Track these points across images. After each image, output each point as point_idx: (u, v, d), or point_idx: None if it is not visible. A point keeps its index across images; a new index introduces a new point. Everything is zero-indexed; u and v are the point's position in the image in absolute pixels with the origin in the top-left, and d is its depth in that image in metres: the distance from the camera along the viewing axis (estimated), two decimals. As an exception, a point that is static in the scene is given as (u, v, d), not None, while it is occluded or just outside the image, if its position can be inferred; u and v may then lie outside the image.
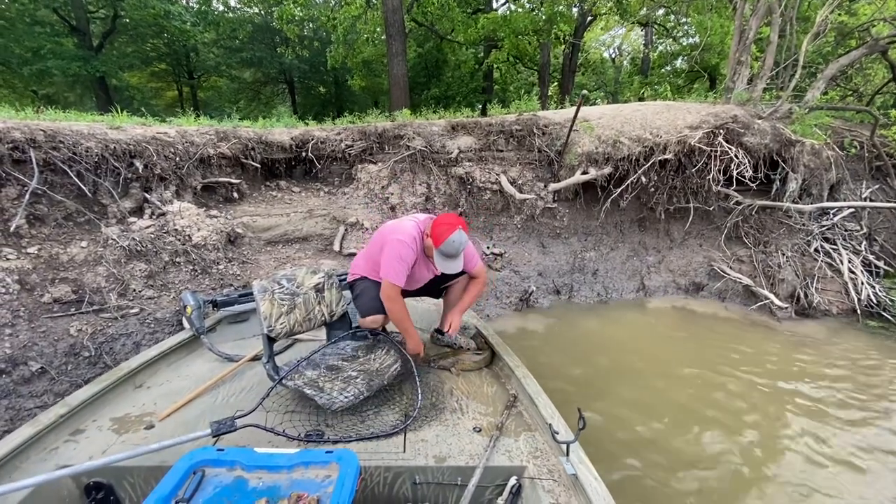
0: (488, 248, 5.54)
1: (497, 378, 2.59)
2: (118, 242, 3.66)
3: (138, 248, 3.73)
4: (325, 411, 2.09)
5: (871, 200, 5.83)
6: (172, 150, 4.26)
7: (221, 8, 16.27)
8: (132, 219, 3.91)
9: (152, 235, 3.85)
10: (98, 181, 3.74)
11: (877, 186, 6.13)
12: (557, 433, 1.86)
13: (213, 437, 1.74)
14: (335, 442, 1.91)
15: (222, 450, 1.51)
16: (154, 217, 4.02)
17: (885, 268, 5.51)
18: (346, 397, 2.06)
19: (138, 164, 3.95)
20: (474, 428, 2.06)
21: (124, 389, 2.42)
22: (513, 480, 1.77)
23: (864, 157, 6.23)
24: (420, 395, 2.13)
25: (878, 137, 6.15)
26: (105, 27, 14.18)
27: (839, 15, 7.25)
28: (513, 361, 2.55)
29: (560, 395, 3.30)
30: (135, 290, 3.57)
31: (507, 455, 1.88)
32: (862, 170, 6.24)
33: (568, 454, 1.78)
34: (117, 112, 4.62)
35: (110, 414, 2.19)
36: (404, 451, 1.89)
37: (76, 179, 3.56)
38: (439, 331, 2.95)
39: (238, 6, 16.83)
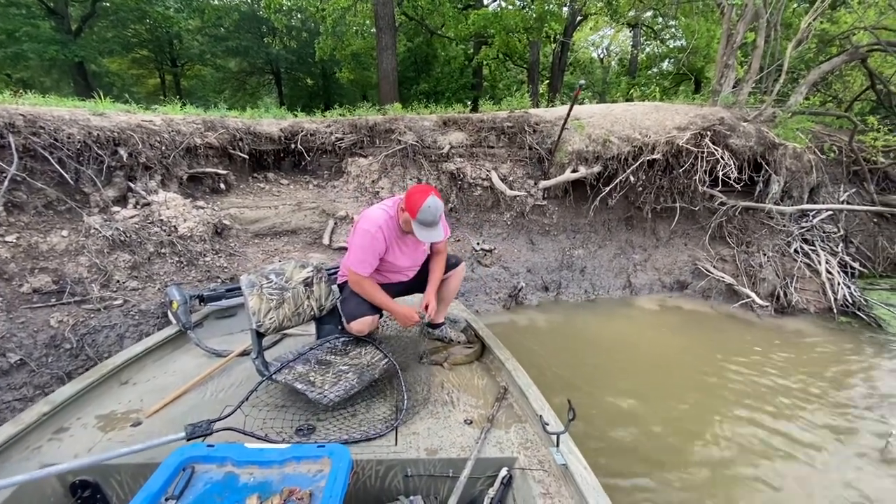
0: (478, 243, 5.56)
1: (487, 371, 2.60)
2: (101, 232, 3.57)
3: (122, 239, 3.64)
4: (315, 406, 2.07)
5: (848, 204, 6.01)
6: (158, 138, 4.16)
7: (207, -6, 15.92)
8: (115, 208, 3.81)
9: (136, 226, 3.77)
10: (80, 169, 3.64)
11: (853, 190, 6.33)
12: (548, 424, 1.88)
13: (188, 439, 1.70)
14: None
15: (212, 446, 1.49)
16: (138, 207, 3.93)
17: (860, 269, 5.70)
18: (337, 392, 2.04)
19: (122, 152, 3.84)
20: (465, 420, 2.07)
21: (109, 386, 2.37)
22: (503, 471, 1.79)
23: (842, 162, 6.42)
24: (406, 398, 2.11)
25: (856, 143, 6.34)
26: (84, 10, 13.73)
27: (821, 23, 7.43)
28: (503, 354, 2.56)
29: (549, 388, 3.33)
30: (118, 281, 3.49)
31: (497, 447, 1.90)
32: (840, 174, 6.43)
33: (558, 445, 1.80)
34: (100, 98, 4.48)
35: (95, 411, 2.15)
36: (396, 444, 1.89)
37: (57, 166, 3.46)
38: (430, 325, 2.96)
39: (224, -7, 16.51)
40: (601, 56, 23.12)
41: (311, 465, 1.46)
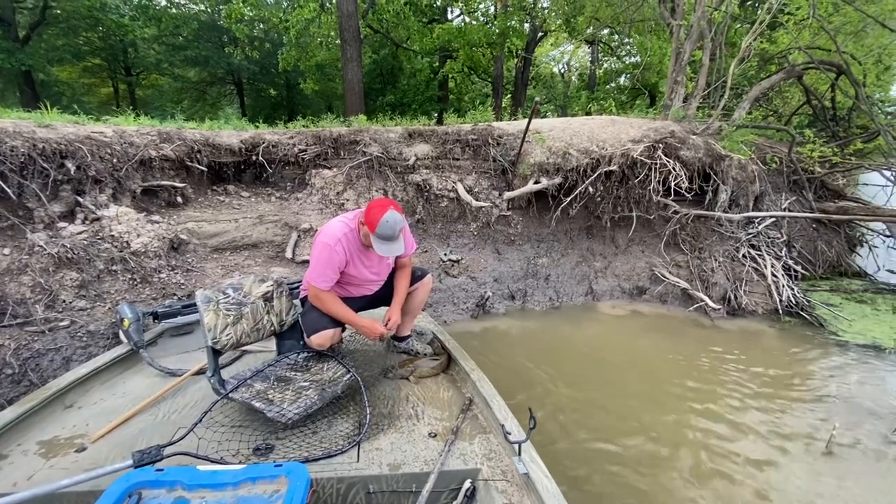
0: (445, 254, 5.60)
1: (453, 382, 2.61)
2: (46, 249, 3.39)
3: (69, 256, 3.46)
4: (275, 424, 2.03)
5: (789, 211, 6.42)
6: (109, 150, 4.00)
7: (164, 3, 15.47)
8: (62, 224, 3.63)
9: (85, 242, 3.60)
10: (24, 183, 3.45)
11: (794, 198, 6.76)
12: (510, 434, 1.90)
13: (136, 467, 1.61)
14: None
15: (161, 470, 1.43)
16: (87, 222, 3.75)
17: (802, 272, 6.07)
18: (297, 409, 2.01)
19: (70, 165, 3.67)
20: (430, 433, 2.07)
21: (52, 410, 2.26)
22: (467, 483, 1.79)
23: (783, 172, 6.86)
24: (368, 413, 2.09)
25: (795, 154, 6.80)
26: (33, 18, 13.08)
27: (761, 42, 7.98)
28: (468, 365, 2.57)
29: (515, 397, 3.39)
30: (65, 301, 3.32)
31: (461, 458, 1.90)
32: (781, 183, 6.86)
33: (520, 454, 1.81)
34: (46, 109, 4.28)
35: (37, 437, 2.04)
36: (358, 460, 1.86)
37: (-3, 181, 3.27)
38: (396, 338, 2.96)
39: (183, 2, 16.08)
40: (562, 71, 23.92)
41: (267, 485, 1.42)
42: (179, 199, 4.66)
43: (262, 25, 15.54)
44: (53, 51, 13.51)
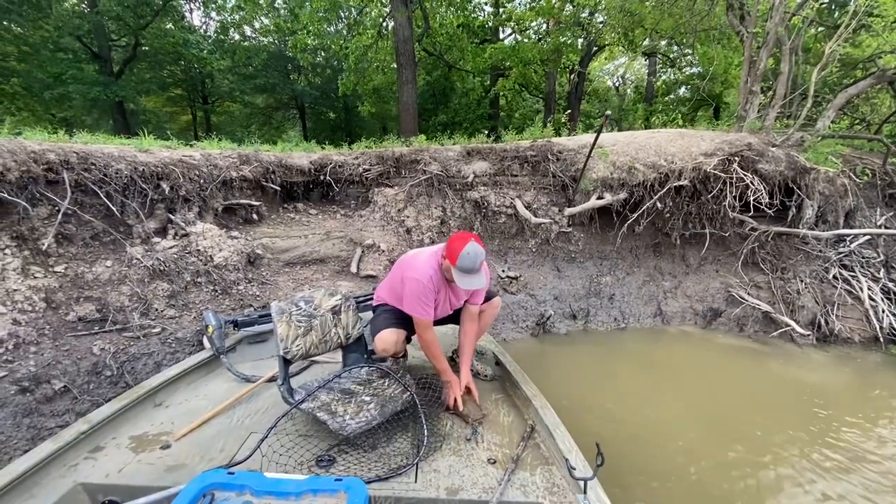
0: (503, 271, 5.54)
1: (514, 406, 2.52)
2: (142, 262, 3.69)
3: (161, 268, 3.75)
4: (336, 436, 2.06)
5: (885, 228, 5.81)
6: (197, 172, 4.34)
7: (237, 37, 16.82)
8: (156, 239, 3.95)
9: (175, 255, 3.89)
10: (126, 202, 3.80)
11: (891, 214, 6.11)
12: (574, 469, 1.80)
13: None
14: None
15: (233, 473, 1.51)
16: (177, 237, 4.06)
17: (905, 295, 5.44)
18: (358, 423, 2.03)
19: (165, 185, 4.01)
20: (489, 459, 2.00)
21: (144, 408, 2.45)
22: None
23: (876, 185, 6.24)
24: (426, 436, 2.05)
25: (891, 165, 6.18)
26: (126, 54, 14.65)
27: (844, 47, 7.41)
28: (530, 390, 2.49)
29: (579, 425, 3.21)
30: (157, 310, 3.58)
31: (521, 490, 1.82)
32: (875, 197, 6.24)
33: (585, 492, 1.71)
34: (144, 135, 4.72)
35: (129, 432, 2.22)
36: (415, 481, 1.84)
37: (106, 200, 3.62)
38: (455, 360, 2.90)
39: (253, 35, 17.40)
40: (616, 84, 23.41)
41: (327, 499, 1.44)
42: (255, 217, 4.95)
43: (323, 53, 16.46)
44: (142, 83, 15.03)
